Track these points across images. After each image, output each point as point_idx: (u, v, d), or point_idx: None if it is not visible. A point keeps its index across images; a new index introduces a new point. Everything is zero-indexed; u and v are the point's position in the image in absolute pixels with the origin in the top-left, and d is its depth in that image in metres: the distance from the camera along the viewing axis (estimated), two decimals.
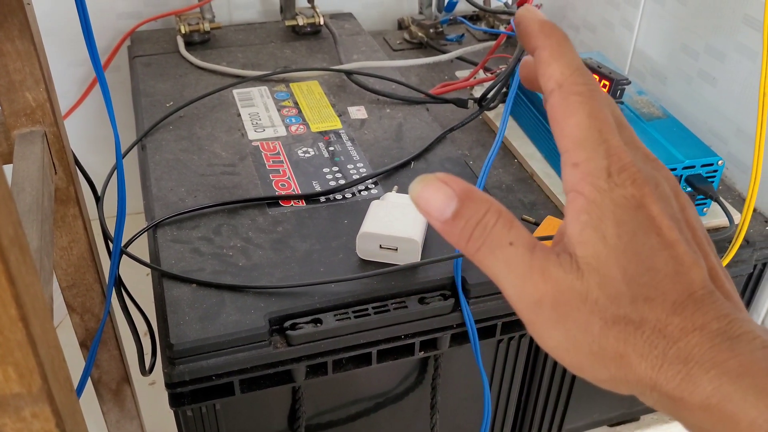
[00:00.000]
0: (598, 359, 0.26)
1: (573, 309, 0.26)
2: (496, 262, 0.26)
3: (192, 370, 0.51)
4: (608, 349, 0.26)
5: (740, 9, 0.70)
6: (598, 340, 0.26)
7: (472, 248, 0.27)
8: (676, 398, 0.25)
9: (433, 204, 0.27)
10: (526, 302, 0.27)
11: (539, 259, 0.26)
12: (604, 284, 0.26)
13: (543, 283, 0.26)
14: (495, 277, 0.27)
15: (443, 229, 0.27)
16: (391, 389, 0.63)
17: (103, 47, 0.98)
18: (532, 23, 0.30)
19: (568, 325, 0.26)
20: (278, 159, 0.70)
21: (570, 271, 0.26)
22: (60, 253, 0.58)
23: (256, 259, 0.58)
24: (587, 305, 0.26)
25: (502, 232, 0.26)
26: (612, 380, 0.27)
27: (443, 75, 0.93)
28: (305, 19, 0.96)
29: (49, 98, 0.51)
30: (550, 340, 0.27)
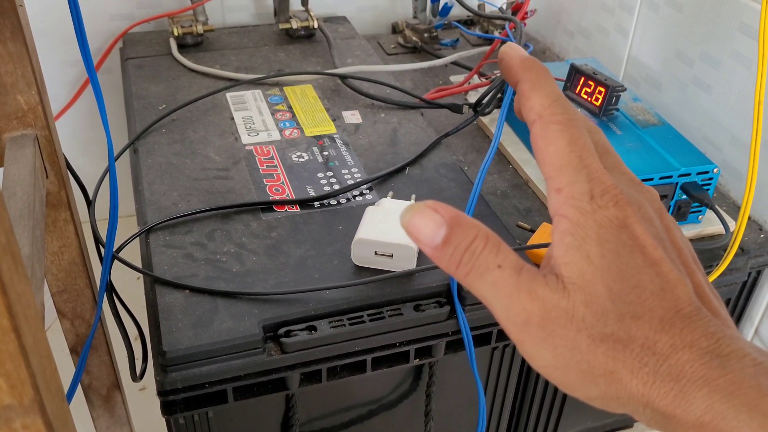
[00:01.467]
0: (587, 377, 0.27)
1: (560, 327, 0.27)
2: (485, 285, 0.27)
3: (185, 378, 0.51)
4: (597, 367, 0.27)
5: (736, 16, 0.70)
6: (586, 358, 0.27)
7: (462, 273, 0.27)
8: (669, 415, 0.26)
9: (423, 231, 0.28)
10: (514, 322, 0.27)
11: (526, 281, 0.27)
12: (590, 302, 0.27)
13: (530, 302, 0.27)
14: (484, 299, 0.28)
15: (433, 254, 0.28)
16: (385, 396, 0.63)
17: (95, 49, 0.97)
18: (514, 59, 0.32)
19: (556, 344, 0.27)
20: (272, 163, 0.70)
21: (556, 291, 0.27)
22: (51, 258, 0.57)
23: (249, 265, 0.58)
24: (574, 323, 0.27)
25: (489, 257, 0.27)
26: (603, 398, 0.27)
27: (438, 80, 0.93)
28: (299, 23, 0.95)
29: (41, 101, 0.51)
30: (540, 359, 0.27)
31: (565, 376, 0.27)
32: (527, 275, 0.27)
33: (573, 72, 0.73)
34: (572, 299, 0.27)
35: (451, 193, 0.67)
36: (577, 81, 0.73)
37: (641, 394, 0.26)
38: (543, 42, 1.06)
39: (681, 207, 0.65)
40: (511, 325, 0.27)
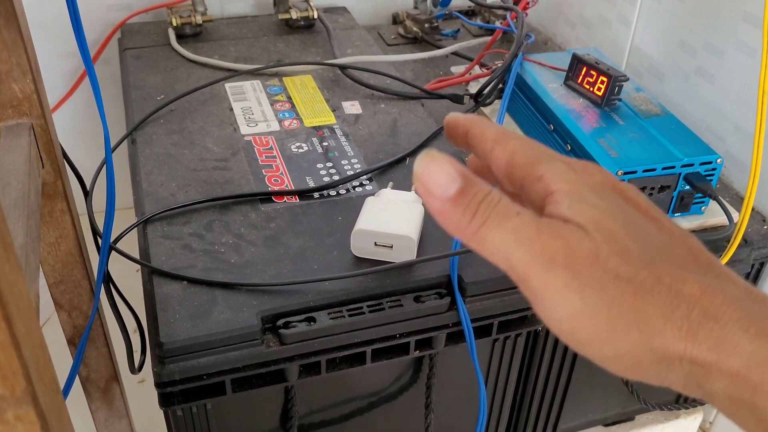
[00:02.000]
0: (618, 323, 0.25)
1: (586, 267, 0.25)
2: (504, 232, 0.26)
3: (182, 370, 0.50)
4: (628, 311, 0.25)
5: (740, 6, 0.70)
6: (616, 301, 0.25)
7: (477, 223, 0.26)
8: (708, 365, 0.24)
9: (438, 181, 0.26)
10: (538, 263, 0.25)
11: (546, 224, 0.26)
12: (611, 241, 0.26)
13: (554, 241, 0.25)
14: (501, 249, 0.26)
15: (443, 208, 0.26)
16: (385, 388, 0.62)
17: (93, 39, 0.97)
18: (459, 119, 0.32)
19: (583, 285, 0.25)
20: (271, 154, 0.69)
21: (577, 231, 0.26)
22: (47, 248, 0.57)
23: (248, 255, 0.57)
24: (599, 263, 0.25)
25: (508, 206, 0.26)
26: (633, 353, 0.25)
27: (438, 70, 0.92)
28: (299, 13, 0.94)
29: (36, 90, 0.50)
30: (565, 306, 0.25)
31: (594, 324, 0.25)
32: (547, 220, 0.26)
33: (575, 62, 0.73)
34: (594, 238, 0.26)
35: None
36: (579, 71, 0.72)
37: (677, 341, 0.25)
38: (544, 32, 1.05)
39: (684, 198, 0.65)
40: (535, 267, 0.25)
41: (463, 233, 0.27)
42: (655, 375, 0.26)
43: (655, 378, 0.26)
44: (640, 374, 0.26)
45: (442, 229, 0.27)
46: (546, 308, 0.26)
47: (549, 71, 0.76)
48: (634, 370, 0.26)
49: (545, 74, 0.76)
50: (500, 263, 0.27)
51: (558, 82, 0.75)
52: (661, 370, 0.25)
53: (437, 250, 0.58)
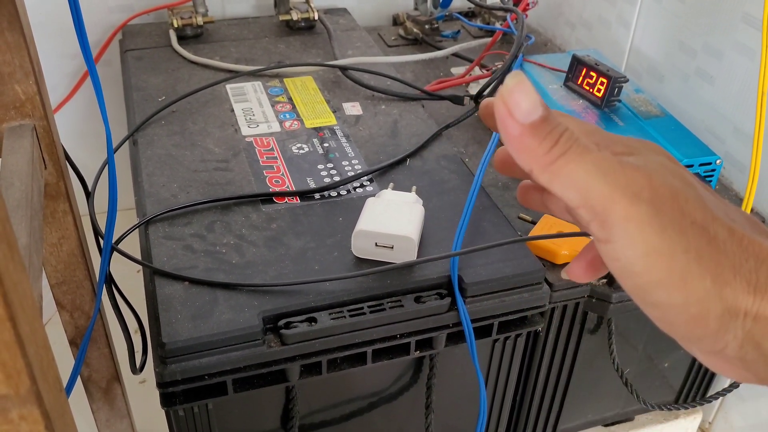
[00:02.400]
0: (693, 268, 0.25)
1: (668, 207, 0.25)
2: (585, 165, 0.25)
3: (184, 370, 0.50)
4: (703, 257, 0.25)
5: (739, 7, 0.70)
6: (694, 246, 0.25)
7: (556, 153, 0.25)
8: None
9: (522, 105, 0.26)
10: (623, 197, 0.25)
11: (629, 160, 0.26)
12: (688, 187, 0.26)
13: (639, 175, 0.25)
14: (579, 180, 0.25)
15: (523, 132, 0.26)
16: (385, 389, 0.62)
17: (95, 41, 0.97)
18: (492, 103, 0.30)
19: (664, 223, 0.25)
20: (272, 155, 0.69)
21: (660, 170, 0.26)
22: (49, 249, 0.57)
23: (249, 256, 0.57)
24: (679, 205, 0.25)
25: (588, 140, 0.26)
26: (702, 303, 0.25)
27: (439, 71, 0.92)
28: (299, 14, 0.95)
29: (39, 91, 0.50)
30: (644, 244, 0.25)
31: (670, 266, 0.25)
32: (628, 158, 0.26)
33: (575, 63, 0.73)
34: (674, 181, 0.25)
35: (452, 185, 0.67)
36: (579, 72, 0.73)
37: (745, 294, 0.25)
38: (544, 34, 1.06)
39: None
40: (619, 199, 0.25)
41: (538, 162, 0.26)
42: (715, 331, 0.25)
43: (713, 335, 0.25)
44: (701, 327, 0.25)
45: (442, 229, 0.27)
46: (621, 245, 0.25)
47: (549, 72, 0.76)
48: (695, 323, 0.25)
49: (545, 75, 0.76)
50: (574, 197, 0.26)
51: (558, 83, 0.75)
52: (722, 324, 0.25)
53: (437, 250, 0.58)
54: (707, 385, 0.80)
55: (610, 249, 0.26)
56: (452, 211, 0.63)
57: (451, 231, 0.59)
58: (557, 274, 0.61)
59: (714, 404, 0.82)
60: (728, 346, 0.25)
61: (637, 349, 0.73)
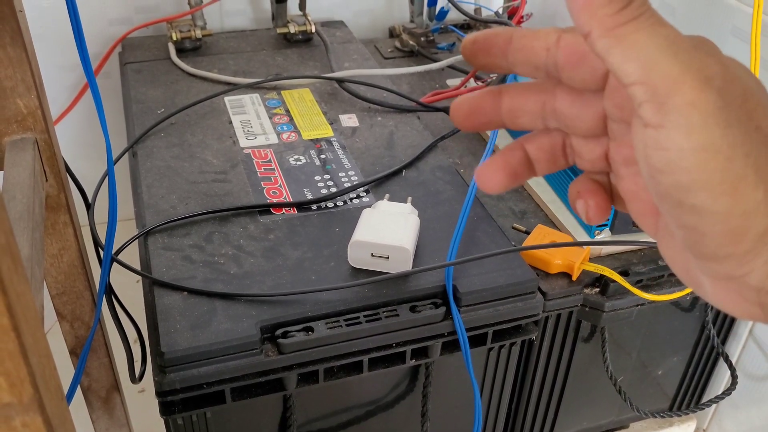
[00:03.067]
0: (749, 175, 0.22)
1: (738, 101, 0.22)
2: (656, 37, 0.22)
3: (183, 379, 0.51)
4: (762, 167, 0.22)
5: (728, 20, 0.71)
6: (755, 153, 0.22)
7: (626, 16, 0.22)
8: None
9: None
10: (693, 79, 0.22)
11: (705, 50, 0.23)
12: (758, 91, 0.23)
13: (714, 62, 0.22)
14: (646, 52, 0.22)
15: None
16: (382, 397, 0.63)
17: (94, 53, 0.98)
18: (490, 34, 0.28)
19: (730, 121, 0.22)
20: (269, 167, 0.70)
21: (734, 65, 0.23)
22: (50, 260, 0.58)
23: (247, 266, 0.58)
24: (748, 107, 0.22)
25: (663, 18, 0.23)
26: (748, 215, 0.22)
27: (434, 83, 0.94)
28: (297, 27, 0.96)
29: (41, 105, 0.51)
30: (703, 136, 0.22)
31: (724, 167, 0.22)
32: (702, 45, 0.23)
33: None
34: (747, 84, 0.23)
35: (447, 196, 0.68)
36: None
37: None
38: None
39: None
40: (688, 81, 0.22)
41: (602, 23, 0.22)
42: (747, 251, 0.23)
43: (742, 256, 0.23)
44: (734, 244, 0.23)
45: (437, 240, 0.26)
46: (676, 134, 0.22)
47: None
48: (731, 238, 0.23)
49: None
50: (634, 71, 0.22)
51: None
52: (758, 245, 0.23)
53: (432, 260, 0.59)
54: (701, 392, 0.81)
55: (660, 135, 0.22)
56: (447, 221, 0.64)
57: (446, 241, 0.60)
58: (551, 283, 0.62)
59: (708, 412, 0.83)
60: (753, 273, 0.23)
61: (631, 357, 0.73)
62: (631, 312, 0.65)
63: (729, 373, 0.74)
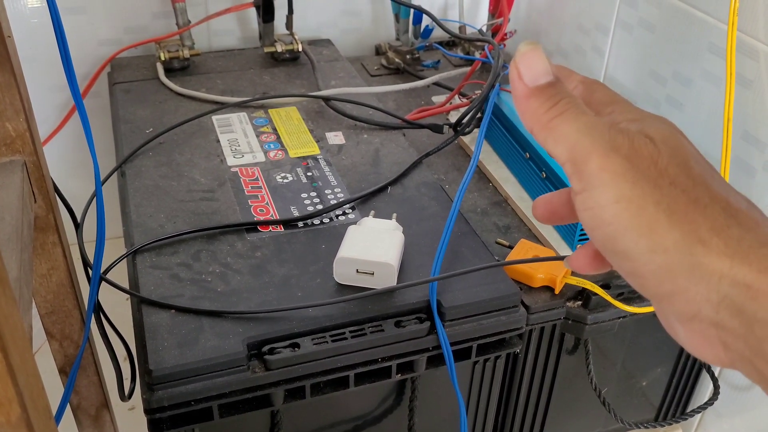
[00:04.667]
0: (663, 219, 0.25)
1: (645, 165, 0.26)
2: (578, 125, 0.27)
3: (171, 396, 0.52)
4: (676, 212, 0.25)
5: (705, 37, 0.73)
6: (666, 198, 0.26)
7: (554, 113, 0.28)
8: (757, 287, 0.24)
9: (535, 68, 0.28)
10: (600, 149, 0.26)
11: (618, 126, 0.28)
12: (675, 154, 0.27)
13: (622, 138, 0.27)
14: (569, 137, 0.27)
15: (529, 94, 0.28)
16: (368, 412, 0.64)
17: (84, 73, 0.99)
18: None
19: (638, 178, 0.26)
20: (257, 185, 0.71)
21: (644, 138, 0.27)
22: (39, 280, 0.59)
23: (234, 284, 0.59)
24: (658, 167, 0.26)
25: (586, 108, 0.28)
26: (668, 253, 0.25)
27: (420, 100, 0.95)
28: (284, 46, 0.97)
29: (29, 128, 0.52)
30: (616, 191, 0.26)
31: (639, 213, 0.26)
32: (619, 125, 0.28)
33: None
34: (659, 148, 0.27)
35: (432, 212, 0.69)
36: None
37: (722, 256, 0.25)
38: None
39: None
40: (597, 151, 0.26)
41: (537, 120, 0.28)
42: (684, 288, 0.26)
43: (683, 293, 0.26)
44: (668, 281, 0.26)
45: (422, 255, 0.28)
46: (594, 193, 0.27)
47: None
48: (662, 275, 0.26)
49: None
50: (563, 153, 0.28)
51: None
52: (692, 282, 0.25)
53: (417, 276, 0.60)
54: (686, 402, 0.82)
55: (584, 198, 0.27)
56: (431, 237, 0.65)
57: (431, 256, 0.61)
58: (534, 297, 0.63)
59: (692, 421, 0.84)
60: (702, 310, 0.25)
61: (616, 369, 0.74)
62: (613, 324, 0.66)
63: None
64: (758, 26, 0.66)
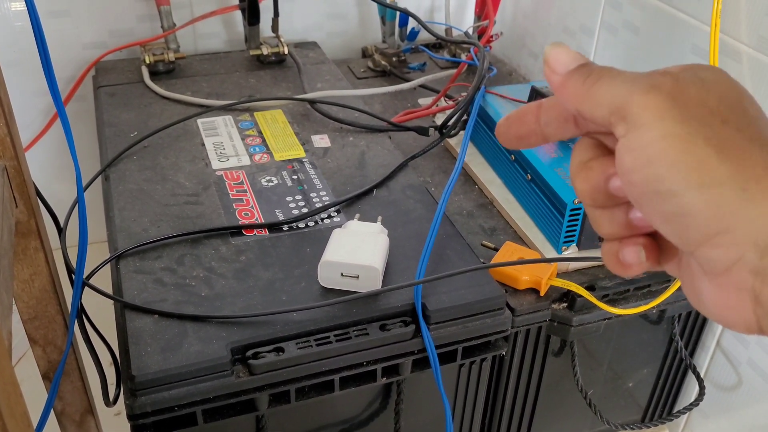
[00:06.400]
0: (715, 152, 0.24)
1: (692, 103, 0.25)
2: (614, 81, 0.27)
3: (154, 401, 0.51)
4: (729, 146, 0.24)
5: (688, 39, 0.73)
6: (719, 137, 0.24)
7: (592, 80, 0.27)
8: None
9: (563, 59, 0.29)
10: (639, 90, 0.25)
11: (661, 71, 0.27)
12: (727, 97, 0.25)
13: (663, 78, 0.26)
14: (609, 94, 0.27)
15: (564, 80, 0.28)
16: (354, 416, 0.64)
17: (68, 77, 0.98)
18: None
19: (685, 114, 0.25)
20: (242, 188, 0.71)
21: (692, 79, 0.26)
22: (21, 285, 0.58)
23: (218, 288, 0.59)
24: (708, 107, 0.25)
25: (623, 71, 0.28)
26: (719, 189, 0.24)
27: (406, 102, 0.95)
28: (270, 49, 0.97)
29: (10, 133, 0.52)
30: (661, 128, 0.25)
31: (687, 148, 0.24)
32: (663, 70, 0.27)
33: (534, 94, 0.76)
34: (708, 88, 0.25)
35: (418, 214, 0.69)
36: None
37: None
38: (509, 64, 1.09)
39: None
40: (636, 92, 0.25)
41: (578, 96, 0.28)
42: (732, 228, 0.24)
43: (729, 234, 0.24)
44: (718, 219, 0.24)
45: (407, 258, 0.27)
46: (638, 133, 0.25)
47: (510, 103, 0.79)
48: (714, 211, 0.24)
49: (506, 106, 0.78)
50: (604, 109, 0.27)
51: None
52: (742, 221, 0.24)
53: (402, 279, 0.60)
54: (672, 402, 0.83)
55: (628, 140, 0.26)
56: (417, 239, 0.65)
57: (416, 259, 0.61)
58: (519, 299, 0.64)
59: (679, 422, 0.84)
60: (745, 254, 0.24)
61: (602, 370, 0.75)
62: (599, 326, 0.66)
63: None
64: (741, 28, 0.66)
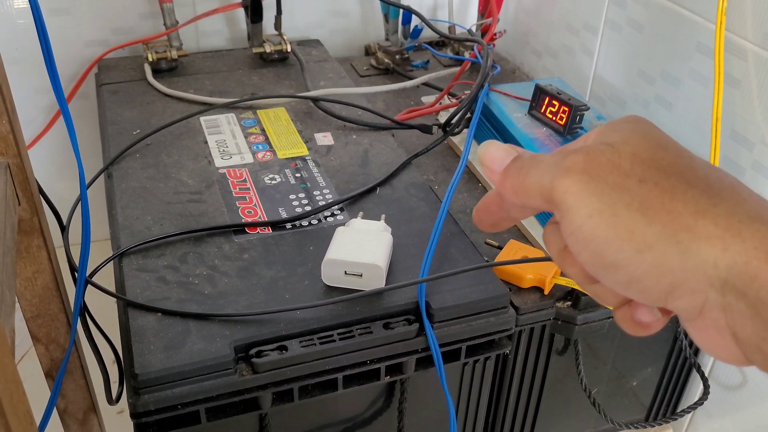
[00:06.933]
0: (639, 218, 0.25)
1: (605, 172, 0.26)
2: (538, 170, 0.28)
3: (157, 400, 0.51)
4: (650, 207, 0.25)
5: (693, 37, 0.73)
6: (638, 199, 0.25)
7: (525, 171, 0.29)
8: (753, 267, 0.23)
9: (497, 156, 0.31)
10: (558, 176, 0.27)
11: (570, 150, 0.28)
12: (638, 152, 0.26)
13: (573, 157, 0.27)
14: (537, 183, 0.28)
15: (502, 178, 0.30)
16: (358, 414, 0.64)
17: (71, 75, 0.98)
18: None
19: (602, 187, 0.26)
20: (245, 186, 0.71)
21: (601, 146, 0.27)
22: (24, 283, 0.58)
23: (221, 287, 0.59)
24: (621, 169, 0.26)
25: (545, 156, 0.29)
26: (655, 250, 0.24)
27: (409, 100, 0.95)
28: (272, 46, 0.97)
29: (12, 130, 0.51)
30: (585, 207, 0.26)
31: (613, 221, 0.25)
32: (571, 148, 0.29)
33: (538, 92, 0.75)
34: (619, 150, 0.27)
35: (421, 212, 0.69)
36: (542, 101, 0.75)
37: (712, 239, 0.24)
38: (513, 61, 1.09)
39: None
40: (556, 179, 0.27)
41: (515, 188, 0.30)
42: (684, 280, 0.24)
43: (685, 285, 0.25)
44: (667, 276, 0.25)
45: (410, 256, 0.28)
46: (568, 218, 0.27)
47: (513, 101, 0.79)
48: (659, 272, 0.25)
49: (510, 104, 0.78)
50: (537, 198, 0.28)
51: (522, 112, 0.77)
52: (689, 271, 0.24)
53: (405, 277, 0.60)
54: (676, 402, 0.82)
55: (564, 226, 0.27)
56: (420, 238, 0.64)
57: (419, 258, 0.61)
58: (523, 297, 0.63)
59: (683, 421, 0.84)
60: (709, 296, 0.24)
61: (606, 369, 0.74)
62: (603, 324, 0.66)
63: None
64: (746, 26, 0.66)
